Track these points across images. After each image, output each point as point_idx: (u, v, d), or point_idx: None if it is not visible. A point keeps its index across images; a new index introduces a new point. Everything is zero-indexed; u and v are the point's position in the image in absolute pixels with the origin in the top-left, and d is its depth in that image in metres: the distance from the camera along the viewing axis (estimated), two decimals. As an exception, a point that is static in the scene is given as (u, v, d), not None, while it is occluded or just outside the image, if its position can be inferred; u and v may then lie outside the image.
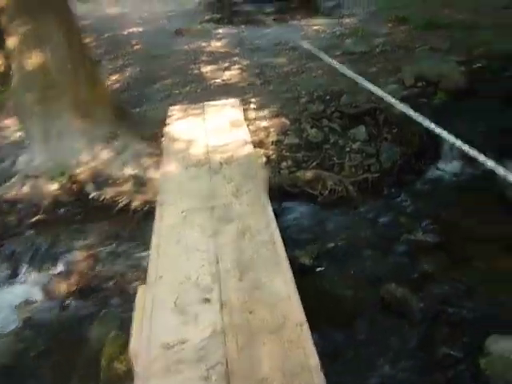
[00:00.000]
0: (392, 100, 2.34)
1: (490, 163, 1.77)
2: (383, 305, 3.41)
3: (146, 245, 3.48)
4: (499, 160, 5.20)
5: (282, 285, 2.67)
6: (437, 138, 5.10)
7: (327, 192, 4.59)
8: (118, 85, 7.15)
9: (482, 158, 1.80)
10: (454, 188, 4.84)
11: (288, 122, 5.53)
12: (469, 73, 6.13)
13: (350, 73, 2.62)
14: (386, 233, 4.17)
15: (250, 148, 4.38)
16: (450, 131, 5.73)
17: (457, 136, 6.04)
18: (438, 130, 2.00)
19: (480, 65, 6.34)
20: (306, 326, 2.38)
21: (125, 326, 2.90)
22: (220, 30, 9.47)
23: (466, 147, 1.91)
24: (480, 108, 5.60)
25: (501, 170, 1.74)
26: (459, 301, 3.40)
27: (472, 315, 3.30)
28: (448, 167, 5.04)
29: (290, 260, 3.17)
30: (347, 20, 9.45)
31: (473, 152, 1.85)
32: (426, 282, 3.60)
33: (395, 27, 8.51)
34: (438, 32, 7.76)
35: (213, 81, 6.94)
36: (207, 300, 2.63)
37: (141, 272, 3.55)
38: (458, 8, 8.76)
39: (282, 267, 2.82)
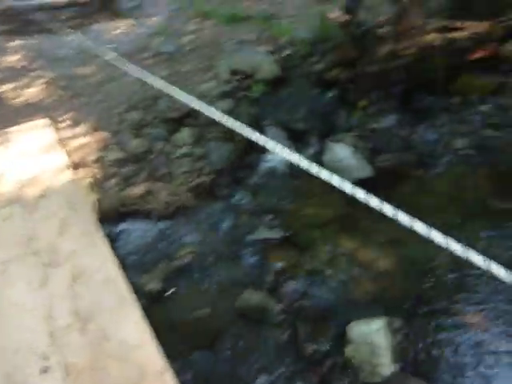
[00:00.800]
0: (199, 107, 2.21)
1: (303, 163, 1.76)
2: (242, 315, 3.27)
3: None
4: (320, 140, 5.38)
5: (133, 328, 2.36)
6: (260, 129, 5.13)
7: (162, 205, 4.31)
8: None
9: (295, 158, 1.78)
10: (286, 176, 4.87)
11: (108, 136, 5.11)
12: (280, 61, 6.29)
13: (151, 80, 2.39)
14: (231, 237, 4.02)
15: (69, 173, 3.90)
16: (273, 121, 5.80)
17: (280, 124, 6.09)
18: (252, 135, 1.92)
19: (288, 52, 6.53)
20: (168, 372, 2.11)
21: None
22: (13, 43, 8.48)
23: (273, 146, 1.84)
24: (296, 94, 5.78)
25: (314, 169, 1.75)
26: (315, 292, 3.40)
27: (330, 304, 3.32)
28: (276, 156, 5.05)
29: (137, 289, 2.88)
30: (151, 20, 9.14)
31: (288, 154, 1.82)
32: (279, 281, 3.54)
33: (201, 23, 8.43)
34: (242, 24, 7.85)
35: (14, 101, 6.17)
36: (46, 369, 2.22)
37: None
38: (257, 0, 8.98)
39: (128, 307, 2.50)
